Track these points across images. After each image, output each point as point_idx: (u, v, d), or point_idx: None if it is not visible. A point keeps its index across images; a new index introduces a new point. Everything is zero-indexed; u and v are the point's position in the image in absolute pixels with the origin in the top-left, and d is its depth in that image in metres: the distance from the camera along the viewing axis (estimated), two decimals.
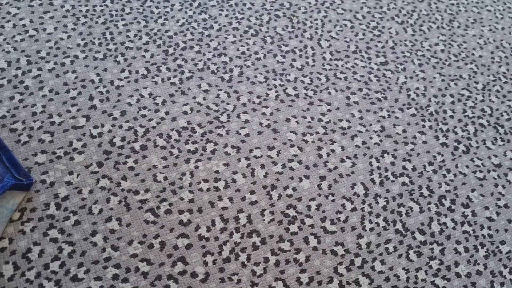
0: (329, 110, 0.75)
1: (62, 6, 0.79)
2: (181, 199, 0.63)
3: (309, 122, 0.73)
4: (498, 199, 0.69)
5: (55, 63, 0.72)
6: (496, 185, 0.70)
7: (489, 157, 0.73)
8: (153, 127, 0.69)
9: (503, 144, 0.75)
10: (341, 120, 0.74)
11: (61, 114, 0.68)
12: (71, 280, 0.56)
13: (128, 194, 0.63)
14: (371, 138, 0.71)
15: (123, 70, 0.74)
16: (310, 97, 0.76)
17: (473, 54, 0.86)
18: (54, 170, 0.63)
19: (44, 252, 0.57)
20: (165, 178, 0.65)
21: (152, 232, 0.60)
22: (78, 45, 0.75)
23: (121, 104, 0.70)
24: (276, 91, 0.75)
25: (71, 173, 0.63)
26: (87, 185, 0.62)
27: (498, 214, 0.68)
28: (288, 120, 0.73)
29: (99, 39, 0.77)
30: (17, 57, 0.71)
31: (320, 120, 0.73)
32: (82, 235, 0.59)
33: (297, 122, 0.73)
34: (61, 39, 0.75)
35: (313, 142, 0.71)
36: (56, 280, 0.56)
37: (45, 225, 0.59)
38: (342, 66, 0.80)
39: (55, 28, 0.76)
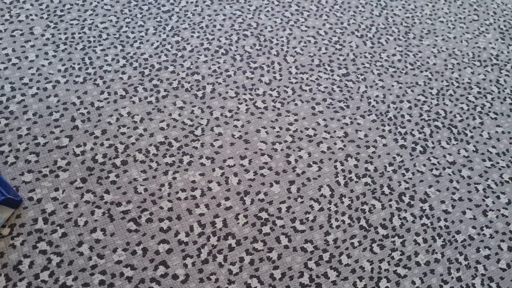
0: (296, 120, 0.81)
1: (43, 35, 0.85)
2: (161, 208, 0.68)
3: (277, 132, 0.79)
4: (453, 193, 0.76)
5: (38, 88, 0.78)
6: (451, 181, 0.77)
7: (444, 156, 0.80)
8: (133, 143, 0.74)
9: (457, 143, 0.82)
10: (307, 129, 0.80)
11: (45, 136, 0.73)
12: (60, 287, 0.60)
13: (111, 206, 0.68)
14: (335, 143, 0.78)
15: (102, 92, 0.79)
16: (278, 108, 0.82)
17: (427, 62, 0.93)
18: (40, 187, 0.68)
19: (34, 264, 0.62)
20: (145, 189, 0.70)
21: (135, 239, 0.65)
22: (59, 70, 0.80)
23: (101, 123, 0.76)
24: (247, 105, 0.81)
25: (57, 189, 0.68)
26: (72, 200, 0.67)
27: (453, 207, 0.74)
28: (258, 131, 0.79)
29: (78, 64, 0.82)
30: (1, 85, 0.76)
31: (288, 129, 0.79)
32: (69, 246, 0.63)
33: (267, 133, 0.78)
34: (43, 65, 0.81)
35: (282, 150, 0.77)
36: None
37: (34, 239, 0.63)
38: (307, 79, 0.87)
39: (37, 56, 0.82)
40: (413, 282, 0.66)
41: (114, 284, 0.61)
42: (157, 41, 0.88)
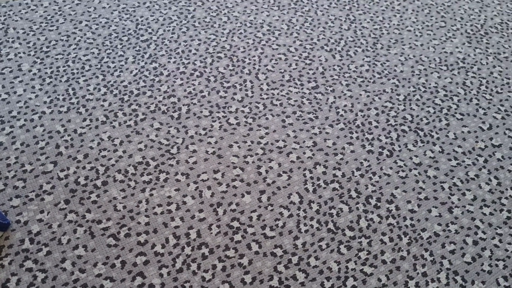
0: (266, 133, 0.86)
1: (30, 71, 0.92)
2: (139, 223, 0.73)
3: (249, 145, 0.84)
4: (419, 193, 0.79)
5: (25, 120, 0.84)
6: (417, 181, 0.80)
7: (411, 158, 0.84)
8: (112, 165, 0.80)
9: (423, 145, 0.85)
10: (277, 141, 0.85)
11: (32, 163, 0.79)
12: None
13: (92, 224, 0.73)
14: (304, 153, 0.82)
15: (84, 119, 0.85)
16: (250, 124, 0.87)
17: (395, 70, 0.98)
18: (27, 210, 0.73)
19: (21, 281, 0.67)
20: (124, 207, 0.75)
21: (114, 253, 0.70)
22: (45, 102, 0.87)
23: (84, 148, 0.81)
24: (220, 122, 0.87)
25: (42, 211, 0.73)
26: (56, 220, 0.72)
27: (419, 206, 0.77)
28: (230, 146, 0.83)
29: (63, 95, 0.88)
30: None
31: (259, 142, 0.84)
32: (53, 263, 0.69)
33: (239, 147, 0.83)
34: (30, 98, 0.87)
35: (253, 162, 0.81)
36: None
37: (21, 258, 0.69)
38: (278, 94, 0.92)
39: (24, 90, 0.88)
40: (379, 280, 0.69)
41: None
42: (136, 69, 0.94)
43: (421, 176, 0.81)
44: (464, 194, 0.78)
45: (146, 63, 0.95)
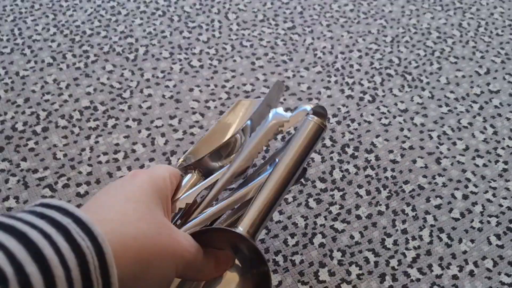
0: (233, 77, 0.76)
1: None
2: (80, 172, 0.64)
3: (212, 89, 0.74)
4: (403, 142, 0.69)
5: None
6: (402, 129, 0.70)
7: (395, 104, 0.73)
8: (56, 110, 0.70)
9: (410, 90, 0.75)
10: (244, 84, 0.75)
11: None
12: None
13: (27, 174, 0.64)
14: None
15: (29, 61, 0.75)
16: (215, 66, 0.77)
17: (382, 10, 0.87)
18: None
19: None
20: (65, 155, 0.66)
21: None
22: None
23: (25, 92, 0.72)
24: (181, 65, 0.77)
25: None
26: None
27: (402, 156, 0.68)
28: (191, 89, 0.74)
29: (7, 35, 0.79)
30: None
31: (223, 86, 0.74)
32: None
33: (200, 91, 0.73)
34: None
35: (215, 107, 0.72)
36: None
37: None
38: (249, 34, 0.81)
39: None
40: (352, 237, 0.60)
41: None
42: (91, 8, 0.84)
43: (407, 124, 0.71)
44: (454, 143, 0.68)
45: (103, 1, 0.85)
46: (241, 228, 0.37)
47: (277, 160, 0.42)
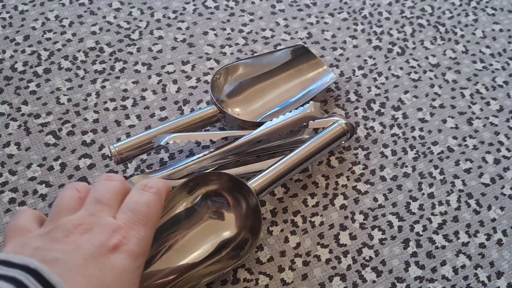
0: (251, 20, 0.69)
1: None
2: (85, 119, 0.60)
3: (228, 34, 0.68)
4: (433, 100, 0.64)
5: None
6: (432, 86, 0.65)
7: (426, 57, 0.68)
8: (58, 50, 0.65)
9: (443, 43, 0.69)
10: (264, 30, 0.68)
11: None
12: None
13: (28, 118, 0.59)
14: (296, 45, 0.66)
15: None
16: (231, 8, 0.70)
17: None
18: None
19: None
20: (69, 100, 0.61)
21: (53, 154, 0.57)
22: None
23: (24, 29, 0.66)
24: (194, 5, 0.70)
25: None
26: None
27: (432, 114, 0.63)
28: (205, 33, 0.68)
29: None
30: None
31: (241, 31, 0.68)
32: None
33: (216, 35, 0.67)
34: None
35: (231, 53, 0.66)
36: None
37: None
38: None
39: None
40: (375, 199, 0.56)
41: (26, 202, 0.54)
42: None
43: (437, 80, 0.65)
44: (488, 103, 0.63)
45: None
46: (252, 184, 0.45)
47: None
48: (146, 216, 0.34)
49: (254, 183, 0.45)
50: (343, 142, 0.57)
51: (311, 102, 0.54)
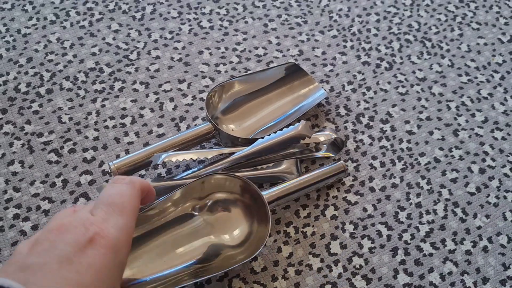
0: (244, 39, 0.72)
1: None
2: (86, 137, 0.62)
3: (223, 52, 0.71)
4: (420, 112, 0.67)
5: None
6: (419, 99, 0.68)
7: (413, 72, 0.70)
8: (60, 71, 0.68)
9: (429, 58, 0.72)
10: (256, 48, 0.71)
11: None
12: None
13: (31, 137, 0.62)
14: (287, 62, 0.69)
15: (31, 18, 0.72)
16: (226, 27, 0.73)
17: None
18: None
19: None
20: (70, 118, 0.64)
21: (55, 171, 0.60)
22: None
23: (27, 51, 0.69)
24: (190, 25, 0.73)
25: None
26: None
27: (419, 127, 0.65)
28: (200, 52, 0.71)
29: None
30: None
31: (234, 49, 0.71)
32: None
33: (210, 54, 0.70)
34: None
35: (226, 71, 0.69)
36: None
37: None
38: None
39: None
40: (365, 209, 0.59)
41: (29, 218, 0.56)
42: None
43: (424, 93, 0.68)
44: (473, 115, 0.66)
45: None
46: (265, 193, 0.52)
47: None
48: (121, 205, 0.32)
49: (266, 194, 0.52)
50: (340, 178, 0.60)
51: (301, 121, 0.56)
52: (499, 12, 0.78)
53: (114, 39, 0.71)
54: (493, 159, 0.63)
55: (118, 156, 0.61)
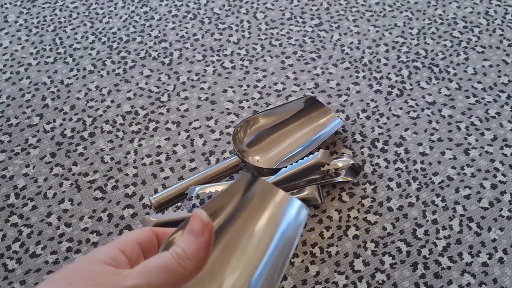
0: (264, 76, 0.79)
1: (16, 22, 0.87)
2: (126, 175, 0.69)
3: (245, 89, 0.77)
4: (432, 134, 0.72)
5: (11, 73, 0.80)
6: (430, 122, 0.73)
7: (423, 96, 0.76)
8: (100, 116, 0.75)
9: (438, 82, 0.77)
10: (276, 84, 0.78)
11: (17, 116, 0.75)
12: (30, 256, 0.63)
13: (78, 177, 0.69)
14: (305, 95, 0.75)
15: (71, 70, 0.80)
16: (246, 66, 0.80)
17: (408, 2, 0.88)
18: (12, 165, 0.70)
19: (6, 236, 0.64)
20: (112, 158, 0.71)
21: (101, 207, 0.67)
22: (31, 53, 0.82)
23: (70, 99, 0.77)
24: (214, 66, 0.80)
25: (27, 166, 0.70)
26: (42, 174, 0.69)
27: (431, 148, 0.70)
28: (225, 91, 0.77)
29: (49, 45, 0.84)
30: None
31: (255, 86, 0.78)
32: (38, 218, 0.66)
33: (234, 92, 0.77)
34: (16, 50, 0.83)
35: (249, 107, 0.75)
36: (17, 258, 0.63)
37: (6, 213, 0.66)
38: (277, 33, 0.84)
39: (10, 42, 0.84)
40: (384, 228, 0.63)
41: (81, 250, 0.63)
42: (126, 14, 0.88)
43: (435, 116, 0.73)
44: (482, 134, 0.70)
45: (136, 7, 0.89)
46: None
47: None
48: None
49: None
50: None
51: (320, 149, 0.62)
52: (502, 35, 0.83)
53: (146, 83, 0.78)
54: (504, 175, 0.68)
55: (156, 191, 0.67)
